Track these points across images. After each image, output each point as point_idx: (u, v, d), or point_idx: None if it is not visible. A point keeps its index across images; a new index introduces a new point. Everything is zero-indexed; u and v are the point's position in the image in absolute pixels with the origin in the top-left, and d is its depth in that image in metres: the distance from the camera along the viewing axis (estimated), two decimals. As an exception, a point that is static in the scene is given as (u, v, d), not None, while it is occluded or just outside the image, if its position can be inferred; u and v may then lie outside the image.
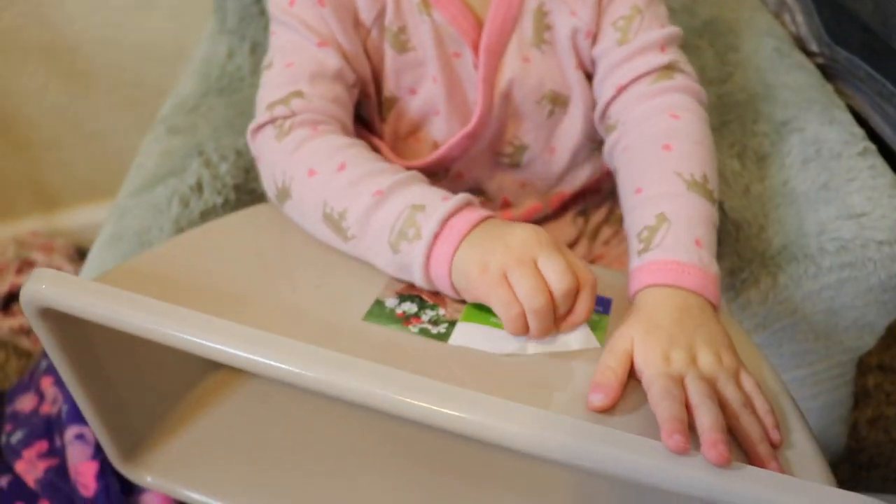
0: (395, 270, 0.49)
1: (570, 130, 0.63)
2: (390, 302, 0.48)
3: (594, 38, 0.59)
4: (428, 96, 0.60)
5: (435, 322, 0.47)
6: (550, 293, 0.44)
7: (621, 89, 0.58)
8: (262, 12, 0.87)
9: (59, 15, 1.08)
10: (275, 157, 0.54)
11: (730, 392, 0.41)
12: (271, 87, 0.56)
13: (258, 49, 0.87)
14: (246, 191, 0.73)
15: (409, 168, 0.55)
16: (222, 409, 0.59)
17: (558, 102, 0.61)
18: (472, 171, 0.64)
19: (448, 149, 0.60)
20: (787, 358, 0.71)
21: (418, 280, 0.48)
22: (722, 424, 0.38)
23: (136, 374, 0.55)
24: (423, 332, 0.46)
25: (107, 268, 0.64)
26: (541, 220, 0.68)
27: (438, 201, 0.48)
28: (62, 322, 0.45)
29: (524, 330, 0.45)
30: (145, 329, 0.42)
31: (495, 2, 0.58)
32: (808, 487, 0.35)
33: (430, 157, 0.61)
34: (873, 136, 0.76)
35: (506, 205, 0.67)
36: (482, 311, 0.47)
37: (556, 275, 0.44)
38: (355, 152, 0.52)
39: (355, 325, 0.46)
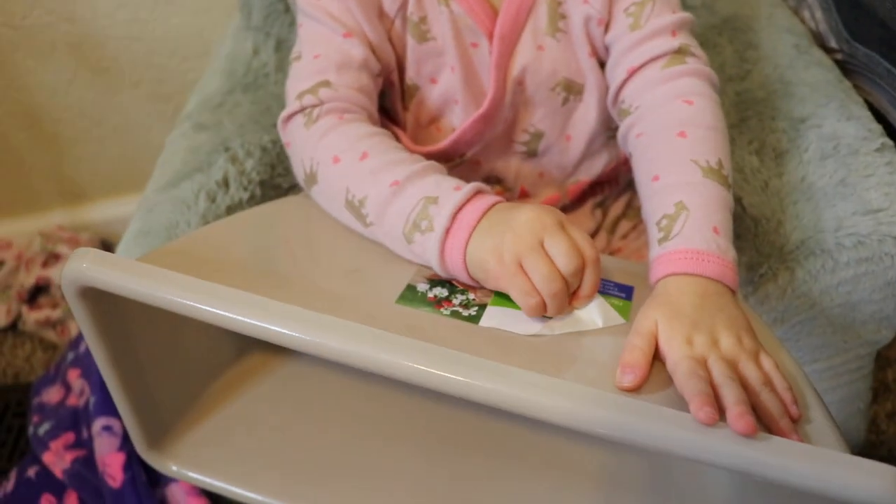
0: (413, 258, 0.52)
1: (586, 118, 0.64)
2: (422, 286, 0.50)
3: (606, 26, 0.60)
4: (447, 85, 0.62)
5: (466, 305, 0.48)
6: (563, 276, 0.46)
7: (633, 72, 0.59)
8: (287, 9, 0.88)
9: (86, 11, 1.10)
10: (303, 144, 0.57)
11: (750, 371, 0.43)
12: (300, 78, 0.58)
13: (283, 46, 0.88)
14: (272, 186, 0.74)
15: (426, 154, 0.58)
16: (248, 398, 0.60)
17: (573, 90, 0.63)
18: (490, 160, 0.66)
19: (462, 132, 0.62)
20: (805, 352, 0.72)
21: (437, 269, 0.50)
22: (746, 399, 0.40)
23: (167, 359, 0.56)
24: (455, 314, 0.48)
25: (136, 262, 0.66)
26: (559, 212, 0.69)
27: (451, 192, 0.50)
28: (101, 303, 0.46)
29: (543, 312, 0.47)
30: (187, 306, 0.43)
31: None
32: (838, 457, 0.36)
33: (446, 141, 0.63)
34: (892, 131, 0.76)
35: (523, 195, 0.69)
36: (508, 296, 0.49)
37: (563, 257, 0.46)
38: (378, 141, 0.55)
39: (388, 308, 0.48)
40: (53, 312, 1.19)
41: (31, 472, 0.85)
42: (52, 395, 0.98)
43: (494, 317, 0.47)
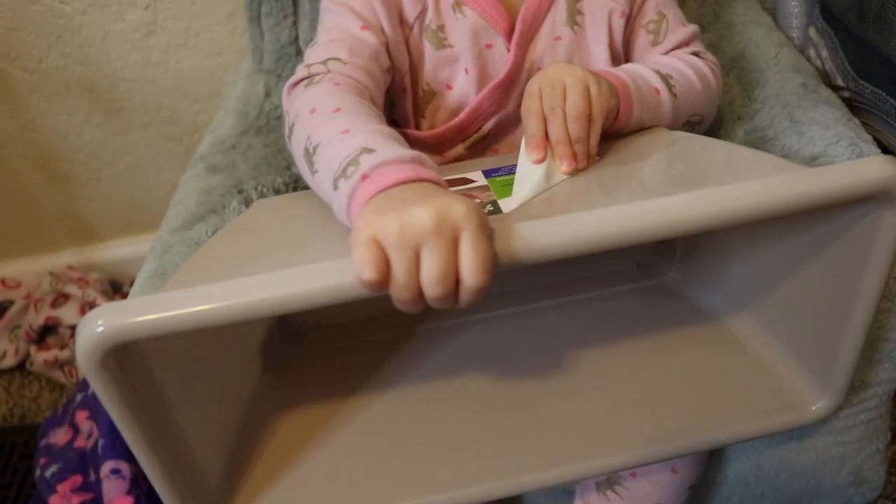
0: (336, 211, 0.48)
1: None
2: None
3: (627, 19, 0.67)
4: (462, 89, 0.66)
5: (481, 206, 0.50)
6: (418, 287, 0.40)
7: None
8: (299, 52, 0.89)
9: (100, 54, 1.12)
10: (296, 101, 0.57)
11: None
12: (312, 55, 0.61)
13: (294, 88, 0.89)
14: (285, 227, 0.74)
15: (444, 129, 0.65)
16: (304, 449, 0.56)
17: None
18: (505, 140, 0.69)
19: (479, 100, 0.65)
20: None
21: (343, 220, 0.47)
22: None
23: (204, 413, 0.52)
24: None
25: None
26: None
27: (389, 149, 0.47)
28: (126, 368, 0.42)
29: (369, 288, 0.40)
30: (236, 307, 0.39)
31: None
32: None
33: (464, 112, 0.66)
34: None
35: None
36: (506, 186, 0.54)
37: (430, 277, 0.40)
38: (354, 101, 0.54)
39: None
40: (62, 353, 1.19)
41: (38, 515, 0.85)
42: (59, 436, 0.97)
43: (509, 202, 0.51)
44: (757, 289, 0.61)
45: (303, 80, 0.59)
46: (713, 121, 0.75)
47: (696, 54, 0.68)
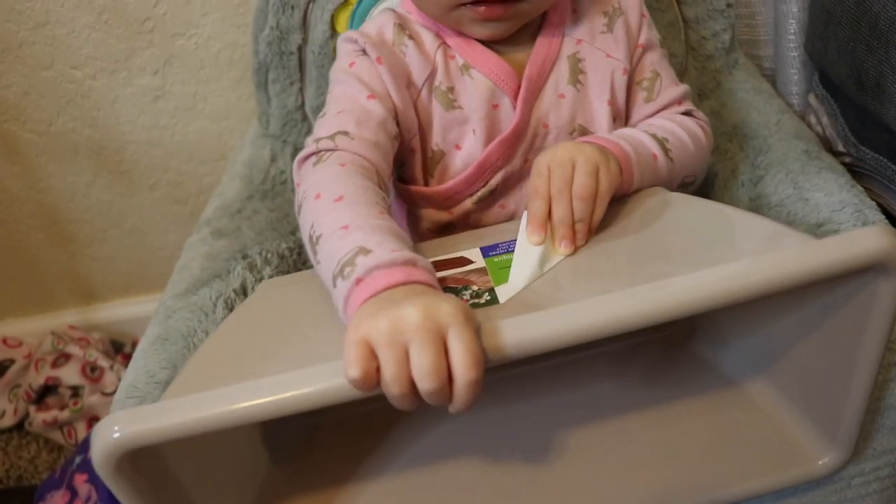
0: (335, 305, 0.49)
1: None
2: None
3: (630, 76, 0.69)
4: (469, 149, 0.67)
5: (477, 296, 0.51)
6: (409, 381, 0.42)
7: None
8: (305, 118, 0.91)
9: (109, 117, 1.13)
10: (305, 179, 0.59)
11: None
12: (321, 129, 0.62)
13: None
14: (288, 293, 0.74)
15: (453, 183, 0.66)
16: None
17: (585, 135, 0.68)
18: (512, 196, 0.70)
19: (487, 154, 0.66)
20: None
21: (341, 318, 0.48)
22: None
23: None
24: (474, 305, 0.49)
25: (153, 369, 0.65)
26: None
27: (385, 252, 0.48)
28: (141, 469, 0.44)
29: (359, 388, 0.42)
30: (245, 411, 0.41)
31: (535, 50, 0.67)
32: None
33: (470, 168, 0.66)
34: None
35: None
36: (502, 269, 0.54)
37: (422, 371, 0.41)
38: (358, 189, 0.56)
39: None
40: (61, 413, 1.18)
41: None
42: (56, 499, 0.96)
43: (507, 290, 0.51)
44: (766, 350, 0.61)
45: (311, 155, 0.61)
46: (719, 187, 0.75)
47: (687, 113, 0.70)
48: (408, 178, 0.69)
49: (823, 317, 0.53)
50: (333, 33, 0.85)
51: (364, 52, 0.65)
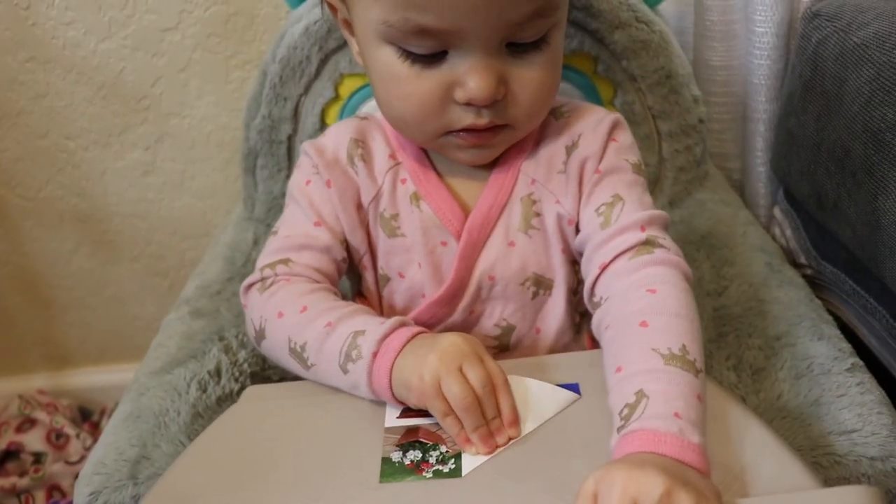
0: (349, 389, 0.56)
1: (554, 312, 0.66)
2: (395, 456, 0.51)
3: (577, 227, 0.63)
4: (413, 280, 0.65)
5: (443, 461, 0.51)
6: (476, 393, 0.51)
7: (604, 268, 0.59)
8: (290, 204, 0.93)
9: (97, 188, 1.16)
10: (256, 306, 0.63)
11: None
12: (268, 252, 0.65)
13: (283, 238, 0.91)
14: (262, 378, 0.75)
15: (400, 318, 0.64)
16: None
17: (542, 285, 0.65)
18: (477, 311, 0.66)
19: (417, 314, 0.64)
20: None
21: (364, 394, 0.55)
22: None
23: None
24: (437, 473, 0.50)
25: (122, 446, 0.65)
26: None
27: (377, 325, 0.55)
28: None
29: (460, 426, 0.51)
30: None
31: (485, 192, 0.63)
32: None
33: (409, 316, 0.63)
34: (861, 346, 0.79)
35: None
36: None
37: (476, 380, 0.51)
38: (316, 295, 0.60)
39: (377, 491, 0.49)
40: (20, 480, 1.16)
41: None
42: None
43: (471, 460, 0.51)
44: None
45: (256, 282, 0.63)
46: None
47: (648, 242, 0.59)
48: (365, 292, 0.69)
49: None
50: (322, 125, 0.89)
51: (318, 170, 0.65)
